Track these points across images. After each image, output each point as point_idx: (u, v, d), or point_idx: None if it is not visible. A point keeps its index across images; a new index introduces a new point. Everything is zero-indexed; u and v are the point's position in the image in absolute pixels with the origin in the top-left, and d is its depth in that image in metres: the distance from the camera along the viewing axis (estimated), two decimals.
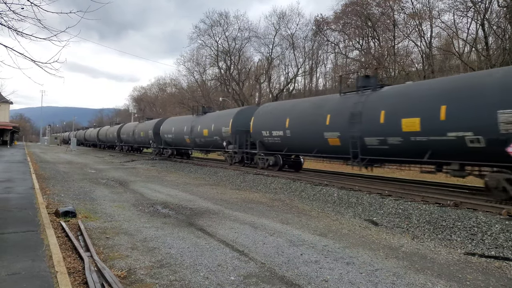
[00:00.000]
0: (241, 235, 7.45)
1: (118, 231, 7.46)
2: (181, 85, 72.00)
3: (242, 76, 56.51)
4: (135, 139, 38.55)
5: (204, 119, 25.51)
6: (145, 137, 35.03)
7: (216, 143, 23.22)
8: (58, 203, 10.09)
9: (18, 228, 6.79)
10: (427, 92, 11.43)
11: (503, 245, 6.86)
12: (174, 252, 6.15)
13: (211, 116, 25.37)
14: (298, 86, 59.47)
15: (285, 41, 52.62)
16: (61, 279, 4.43)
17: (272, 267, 5.57)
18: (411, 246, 7.08)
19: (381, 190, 11.69)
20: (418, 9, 34.94)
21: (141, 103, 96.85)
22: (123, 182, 16.02)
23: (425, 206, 9.40)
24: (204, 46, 56.63)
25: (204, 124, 24.61)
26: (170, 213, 9.53)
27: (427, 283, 5.13)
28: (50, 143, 79.51)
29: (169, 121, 31.69)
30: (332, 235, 7.71)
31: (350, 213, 10.20)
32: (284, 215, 9.79)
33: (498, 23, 29.73)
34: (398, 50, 37.74)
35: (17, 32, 7.05)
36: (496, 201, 9.54)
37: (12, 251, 5.43)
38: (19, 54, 7.16)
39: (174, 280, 4.93)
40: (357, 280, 5.13)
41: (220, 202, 11.59)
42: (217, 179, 18.00)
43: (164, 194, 12.94)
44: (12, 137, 63.24)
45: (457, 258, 6.43)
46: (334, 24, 45.21)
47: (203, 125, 24.75)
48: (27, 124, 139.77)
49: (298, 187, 13.62)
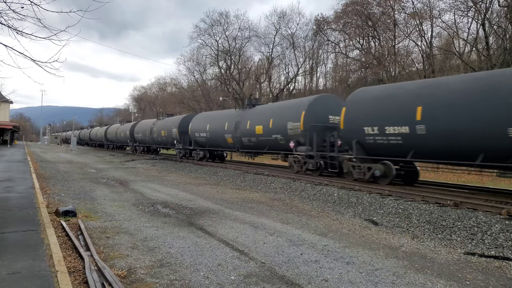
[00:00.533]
0: (241, 234, 7.46)
1: (118, 231, 7.47)
2: (181, 84, 72.12)
3: (243, 75, 56.50)
4: (153, 139, 33.66)
5: (255, 113, 20.57)
6: (168, 137, 30.26)
7: (276, 143, 18.33)
8: (58, 203, 10.09)
9: (18, 227, 6.79)
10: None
11: (503, 245, 6.87)
12: (174, 252, 6.16)
13: (266, 108, 20.69)
14: (299, 85, 59.50)
15: (285, 40, 52.66)
16: (62, 279, 4.44)
17: (272, 267, 5.57)
18: (411, 246, 7.08)
19: (381, 190, 11.69)
20: (418, 8, 34.93)
21: (141, 102, 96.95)
22: (123, 182, 16.02)
23: (425, 206, 9.41)
24: (204, 45, 56.68)
25: (257, 119, 19.79)
26: (170, 213, 9.54)
27: (427, 282, 5.13)
28: (50, 142, 79.52)
29: (200, 117, 26.89)
30: (332, 235, 7.72)
31: (350, 212, 10.20)
32: (284, 214, 9.79)
33: (498, 22, 29.73)
34: (399, 49, 37.73)
35: (17, 31, 7.06)
36: (496, 201, 9.54)
37: (13, 251, 5.44)
38: (19, 53, 7.16)
39: (174, 280, 4.94)
40: (357, 280, 5.13)
41: (220, 201, 11.59)
42: (217, 179, 18.00)
43: (164, 193, 12.95)
44: (12, 136, 63.26)
45: (457, 257, 6.43)
46: (335, 23, 45.20)
47: (254, 121, 19.90)
48: (27, 124, 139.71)
49: (298, 187, 13.62)
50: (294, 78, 54.88)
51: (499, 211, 8.41)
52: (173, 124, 29.51)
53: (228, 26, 54.09)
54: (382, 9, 38.40)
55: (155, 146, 35.33)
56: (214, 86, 63.24)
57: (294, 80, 55.11)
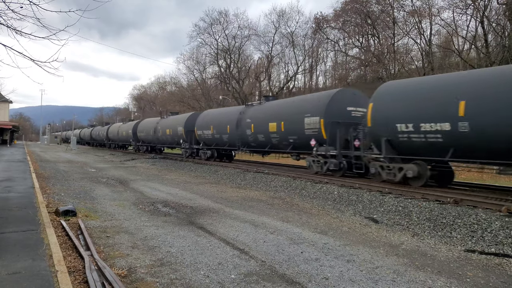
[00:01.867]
0: (241, 233, 7.46)
1: (118, 230, 7.46)
2: (181, 83, 72.19)
3: (242, 74, 56.50)
4: (158, 138, 32.76)
5: (267, 109, 19.08)
6: (173, 136, 29.21)
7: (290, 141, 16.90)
8: (58, 202, 10.08)
9: (18, 227, 6.78)
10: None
11: (503, 242, 6.87)
12: (175, 251, 6.16)
13: (279, 104, 19.11)
14: (298, 84, 59.52)
15: (285, 39, 52.70)
16: (62, 278, 4.43)
17: (272, 265, 5.57)
18: (411, 244, 7.08)
19: (381, 188, 11.69)
20: (417, 6, 34.93)
21: (141, 101, 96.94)
22: (123, 181, 16.02)
23: (425, 204, 9.41)
24: (204, 44, 56.71)
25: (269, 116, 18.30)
26: (170, 212, 9.53)
27: (428, 280, 5.13)
28: (50, 142, 79.53)
29: (207, 114, 25.81)
30: (332, 233, 7.72)
31: (350, 211, 10.20)
32: (284, 213, 9.79)
33: (497, 20, 29.68)
34: (398, 47, 37.75)
35: (16, 31, 7.03)
36: (496, 198, 9.54)
37: (13, 250, 5.43)
38: (18, 53, 7.14)
39: (174, 279, 4.93)
40: (357, 278, 5.13)
41: (220, 200, 11.59)
42: (217, 178, 18.00)
43: (164, 192, 12.94)
44: (12, 136, 63.23)
45: (457, 255, 6.43)
46: (334, 22, 45.22)
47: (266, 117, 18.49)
48: (26, 123, 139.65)
49: (298, 185, 13.62)
50: (293, 76, 54.95)
51: (499, 208, 8.41)
52: (179, 123, 28.51)
53: (227, 24, 54.18)
54: (381, 7, 38.41)
55: (160, 145, 34.46)
56: (214, 85, 63.28)
57: (293, 78, 55.14)
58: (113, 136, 48.26)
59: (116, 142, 48.05)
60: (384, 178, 12.52)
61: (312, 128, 15.18)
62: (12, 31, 7.01)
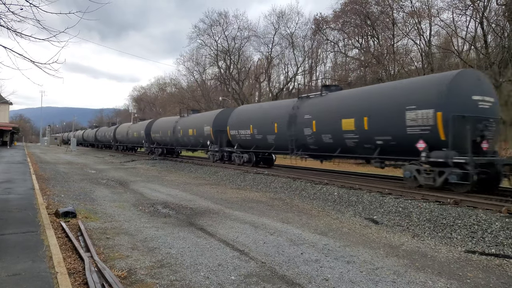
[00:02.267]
0: (241, 234, 7.45)
1: (118, 231, 7.46)
2: (180, 84, 72.16)
3: (242, 75, 56.51)
4: (177, 140, 30.18)
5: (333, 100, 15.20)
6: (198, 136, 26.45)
7: (377, 143, 12.75)
8: (58, 204, 10.08)
9: (18, 229, 6.78)
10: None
11: (503, 243, 6.86)
12: (175, 252, 6.15)
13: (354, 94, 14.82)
14: (298, 85, 59.46)
15: (284, 40, 52.66)
16: (62, 280, 4.43)
17: (272, 266, 5.57)
18: (411, 245, 7.08)
19: (381, 189, 11.69)
20: (417, 7, 34.90)
21: (140, 103, 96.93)
22: (123, 182, 16.02)
23: (425, 204, 9.40)
24: (204, 45, 56.68)
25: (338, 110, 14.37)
26: (170, 213, 9.53)
27: (428, 281, 5.13)
28: (50, 143, 79.48)
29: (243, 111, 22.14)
30: (332, 234, 7.71)
31: (350, 211, 10.20)
32: (284, 214, 9.79)
33: (497, 21, 29.68)
34: (398, 48, 37.74)
35: (16, 33, 7.04)
36: (496, 199, 9.53)
37: (13, 252, 5.43)
38: (19, 55, 7.15)
39: (174, 280, 4.93)
40: (357, 279, 5.13)
41: (220, 201, 11.58)
42: (217, 179, 17.99)
43: (164, 194, 12.94)
44: (12, 137, 63.21)
45: (458, 256, 6.43)
46: (334, 23, 45.18)
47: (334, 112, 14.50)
48: (27, 125, 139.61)
49: (298, 186, 13.62)
50: (293, 77, 54.92)
51: (499, 209, 8.40)
52: (205, 121, 24.40)
53: (227, 26, 54.15)
54: (381, 8, 38.42)
55: (179, 147, 30.60)
56: (214, 86, 63.27)
57: (293, 79, 55.15)
58: (122, 137, 44.55)
59: (125, 144, 45.01)
60: None
61: (420, 125, 11.20)
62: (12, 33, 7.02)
